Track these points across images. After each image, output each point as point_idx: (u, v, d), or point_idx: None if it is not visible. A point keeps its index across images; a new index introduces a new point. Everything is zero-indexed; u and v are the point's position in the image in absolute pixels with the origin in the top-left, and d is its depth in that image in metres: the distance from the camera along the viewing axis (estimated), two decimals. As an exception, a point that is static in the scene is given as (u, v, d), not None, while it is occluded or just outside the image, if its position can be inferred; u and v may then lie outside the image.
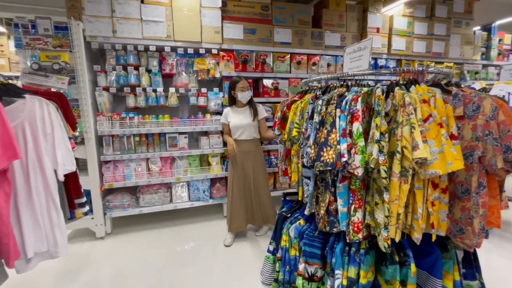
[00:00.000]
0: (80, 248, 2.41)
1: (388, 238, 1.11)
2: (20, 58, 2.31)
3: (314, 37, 3.09)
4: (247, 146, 2.38)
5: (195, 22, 2.65)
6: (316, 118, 1.29)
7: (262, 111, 2.40)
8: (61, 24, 2.30)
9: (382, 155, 1.06)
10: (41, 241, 1.19)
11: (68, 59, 2.28)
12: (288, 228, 1.56)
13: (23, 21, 2.25)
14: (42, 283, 1.95)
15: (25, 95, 1.20)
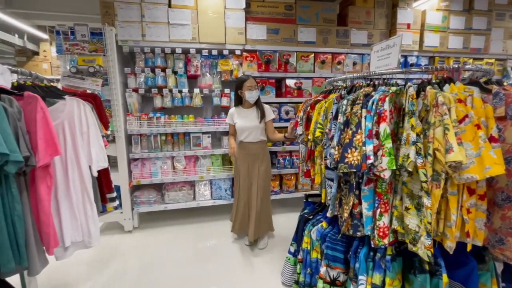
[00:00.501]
0: (110, 240, 2.56)
1: (431, 246, 1.04)
2: (60, 62, 2.51)
3: (339, 35, 3.01)
4: (253, 149, 2.30)
5: (219, 24, 2.70)
6: (341, 119, 1.25)
7: (269, 112, 2.31)
8: (96, 30, 2.46)
9: (420, 157, 1.01)
10: (77, 232, 1.28)
11: (102, 62, 2.43)
12: (310, 230, 1.54)
13: (63, 29, 2.44)
14: (76, 270, 2.10)
15: (65, 97, 1.30)
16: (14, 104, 0.99)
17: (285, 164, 3.00)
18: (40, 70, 5.13)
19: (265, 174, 2.32)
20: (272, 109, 2.88)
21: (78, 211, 1.26)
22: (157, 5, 2.58)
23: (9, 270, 0.95)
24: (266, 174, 2.33)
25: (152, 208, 2.77)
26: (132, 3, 2.54)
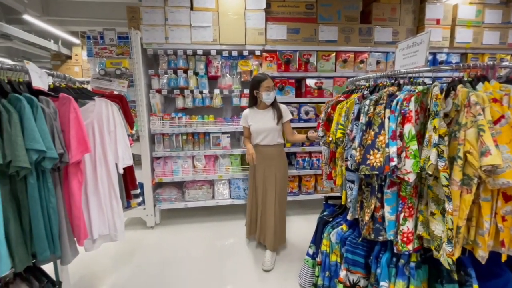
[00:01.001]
0: (133, 234, 2.67)
1: (452, 253, 0.98)
2: (90, 65, 2.66)
3: (362, 33, 2.92)
4: (270, 152, 2.14)
5: (239, 25, 2.73)
6: (363, 119, 1.22)
7: (286, 113, 2.16)
8: (123, 34, 2.58)
9: (442, 160, 0.96)
10: (104, 225, 1.35)
11: (127, 65, 2.55)
12: (329, 233, 1.51)
13: (93, 33, 2.58)
14: (102, 262, 2.22)
15: (95, 98, 1.38)
16: (50, 105, 1.06)
17: (304, 165, 2.97)
18: (72, 73, 5.47)
19: (283, 180, 2.20)
20: (291, 109, 2.87)
21: (105, 206, 1.33)
22: (179, 8, 2.66)
23: (44, 259, 1.03)
24: (284, 181, 2.22)
25: (173, 206, 2.86)
26: (156, 7, 2.63)
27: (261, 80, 2.05)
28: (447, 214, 0.97)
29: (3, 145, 0.89)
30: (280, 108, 2.14)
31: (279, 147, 2.19)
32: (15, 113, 0.93)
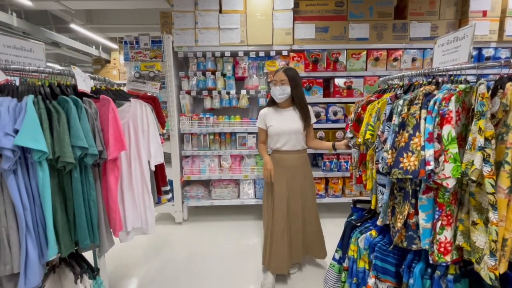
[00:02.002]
0: (163, 229, 2.80)
1: (495, 267, 0.90)
2: (127, 68, 2.84)
3: (396, 29, 2.77)
4: (293, 160, 1.84)
5: (267, 25, 2.74)
6: (396, 120, 1.15)
7: (312, 115, 1.90)
8: (156, 38, 2.72)
9: (488, 165, 0.87)
10: (137, 219, 1.44)
11: (160, 67, 2.68)
12: (357, 238, 1.45)
13: (130, 39, 2.76)
14: (134, 253, 2.36)
15: (130, 99, 1.47)
16: (92, 106, 1.16)
17: (331, 167, 2.89)
18: (111, 76, 5.90)
19: (312, 191, 1.95)
20: (318, 110, 2.81)
21: (138, 200, 1.42)
22: (209, 11, 2.74)
23: (85, 246, 1.12)
24: (312, 192, 1.96)
25: (200, 203, 2.95)
26: (187, 11, 2.74)
27: (274, 73, 1.85)
28: (490, 224, 0.88)
29: (53, 142, 0.99)
30: (308, 108, 1.88)
31: (303, 153, 1.92)
32: (63, 113, 1.03)
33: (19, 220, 0.93)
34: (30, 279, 0.95)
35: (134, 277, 2.05)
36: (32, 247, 0.95)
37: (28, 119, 0.92)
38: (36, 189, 0.97)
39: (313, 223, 1.97)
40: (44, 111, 1.00)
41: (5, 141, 0.86)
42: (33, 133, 0.92)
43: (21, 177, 0.94)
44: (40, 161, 0.95)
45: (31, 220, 0.95)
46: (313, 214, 1.97)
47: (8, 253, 0.92)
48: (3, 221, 0.91)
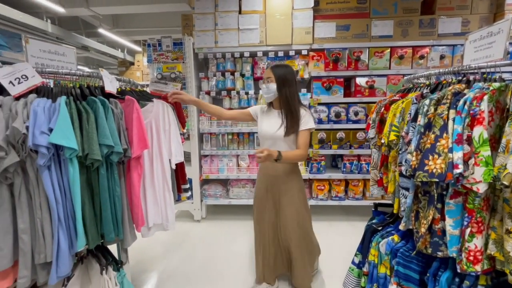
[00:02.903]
0: (182, 226, 2.87)
1: None
2: (150, 70, 2.95)
3: (423, 25, 2.64)
4: (272, 168, 1.63)
5: (286, 25, 2.72)
6: (421, 120, 1.10)
7: (305, 120, 1.56)
8: (178, 41, 2.80)
9: None
10: (158, 215, 1.49)
11: (181, 68, 2.75)
12: (378, 242, 1.40)
13: (153, 41, 2.86)
14: (155, 248, 2.44)
15: (153, 99, 1.52)
16: (118, 106, 1.21)
17: (351, 168, 2.82)
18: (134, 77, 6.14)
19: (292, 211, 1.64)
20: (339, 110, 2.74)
21: (159, 197, 1.47)
22: (229, 12, 2.77)
23: (110, 240, 1.18)
24: (294, 212, 1.64)
25: (218, 202, 2.99)
26: (207, 13, 2.79)
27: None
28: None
29: (82, 140, 1.05)
30: (296, 113, 1.54)
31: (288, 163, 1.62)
32: (92, 113, 1.09)
33: (52, 213, 0.99)
34: (61, 267, 1.01)
35: (154, 272, 2.12)
36: (63, 238, 1.01)
37: (61, 118, 0.99)
38: (67, 184, 1.04)
39: (291, 249, 1.67)
40: (75, 111, 1.06)
41: (41, 139, 0.93)
42: (65, 131, 0.98)
43: (54, 172, 1.00)
44: (71, 158, 1.02)
45: (63, 213, 1.01)
46: (292, 236, 1.64)
47: (42, 243, 0.99)
48: (38, 213, 0.98)
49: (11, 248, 0.95)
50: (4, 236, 0.93)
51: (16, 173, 0.95)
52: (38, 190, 0.98)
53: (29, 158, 0.96)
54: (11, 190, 0.96)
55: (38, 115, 0.96)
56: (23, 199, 0.97)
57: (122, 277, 1.33)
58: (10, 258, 0.95)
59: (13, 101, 0.99)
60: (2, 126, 0.91)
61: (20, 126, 0.92)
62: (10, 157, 0.91)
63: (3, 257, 0.92)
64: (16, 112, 0.95)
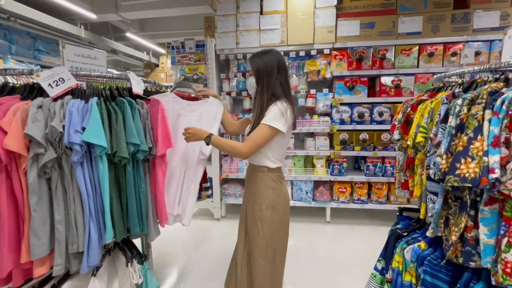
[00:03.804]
0: (202, 224, 2.94)
1: None
2: (173, 71, 3.05)
3: (455, 20, 2.49)
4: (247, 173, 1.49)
5: (308, 24, 2.69)
6: (452, 121, 1.04)
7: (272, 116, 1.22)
8: (200, 42, 2.86)
9: None
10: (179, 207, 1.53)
11: (203, 70, 2.82)
12: (403, 249, 1.34)
13: (176, 44, 2.95)
14: (176, 245, 2.52)
15: (209, 97, 1.57)
16: (144, 107, 1.27)
17: (375, 171, 2.72)
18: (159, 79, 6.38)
19: (253, 231, 1.34)
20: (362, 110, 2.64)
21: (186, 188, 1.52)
22: (250, 13, 2.79)
23: (136, 234, 1.24)
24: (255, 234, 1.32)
25: (237, 201, 3.02)
26: (229, 15, 2.83)
27: None
28: None
29: (111, 139, 1.11)
30: (266, 107, 1.26)
31: (252, 167, 1.42)
32: (120, 113, 1.15)
33: (84, 206, 1.06)
34: (92, 257, 1.08)
35: (175, 267, 2.19)
36: (94, 230, 1.08)
37: (92, 118, 1.05)
38: (97, 179, 1.10)
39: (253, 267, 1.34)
40: (105, 111, 1.13)
41: (75, 137, 1.00)
42: (96, 130, 1.04)
43: (86, 168, 1.07)
44: (101, 155, 1.08)
45: (93, 206, 1.08)
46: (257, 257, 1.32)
47: (75, 233, 1.06)
48: (72, 206, 1.06)
49: (48, 237, 1.03)
50: (43, 226, 1.01)
51: (53, 168, 1.03)
52: (72, 184, 1.05)
53: (64, 155, 1.04)
54: (49, 184, 1.04)
55: (73, 115, 1.03)
56: (59, 192, 1.05)
57: (145, 270, 1.38)
58: (48, 246, 1.03)
59: (51, 102, 1.07)
60: (42, 125, 0.99)
61: (57, 125, 0.99)
62: (48, 153, 0.98)
63: (42, 245, 1.00)
64: (54, 112, 1.03)
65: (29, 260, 1.00)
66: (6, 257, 0.96)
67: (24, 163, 0.97)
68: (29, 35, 3.63)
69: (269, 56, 1.30)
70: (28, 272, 1.04)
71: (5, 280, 1.02)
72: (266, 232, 1.32)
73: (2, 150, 0.91)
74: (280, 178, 1.38)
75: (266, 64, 1.29)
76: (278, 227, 1.35)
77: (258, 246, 1.32)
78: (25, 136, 0.95)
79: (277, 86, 1.28)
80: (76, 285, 1.18)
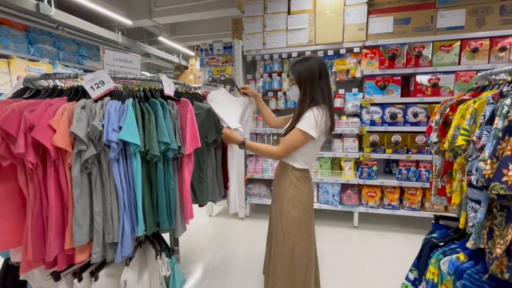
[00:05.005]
0: (226, 222, 2.99)
1: None
2: (202, 73, 3.14)
3: (505, 12, 2.27)
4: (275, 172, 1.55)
5: (337, 23, 2.62)
6: (499, 123, 0.94)
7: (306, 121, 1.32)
8: (228, 44, 2.92)
9: None
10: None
11: (230, 71, 2.87)
12: (439, 259, 1.25)
13: (205, 46, 3.04)
14: (202, 242, 2.59)
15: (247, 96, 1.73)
16: (174, 107, 1.32)
17: (408, 175, 2.57)
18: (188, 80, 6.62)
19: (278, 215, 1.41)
20: (395, 111, 2.50)
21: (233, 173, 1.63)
22: (277, 14, 2.78)
23: (165, 228, 1.30)
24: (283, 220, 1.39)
25: (261, 201, 3.03)
26: (256, 16, 2.85)
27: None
28: None
29: (144, 137, 1.18)
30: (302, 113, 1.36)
31: (280, 166, 1.48)
32: (152, 113, 1.21)
33: (119, 200, 1.13)
34: (125, 248, 1.15)
35: (201, 263, 2.25)
36: (127, 222, 1.15)
37: (128, 118, 1.12)
38: (131, 175, 1.17)
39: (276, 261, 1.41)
40: (139, 112, 1.19)
41: (113, 135, 1.07)
42: (131, 129, 1.11)
43: (122, 165, 1.14)
44: (135, 152, 1.15)
45: (127, 200, 1.15)
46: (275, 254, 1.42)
47: (111, 225, 1.13)
48: (108, 199, 1.14)
49: (88, 227, 1.12)
50: (84, 216, 1.10)
51: (93, 164, 1.11)
52: (109, 179, 1.13)
53: (103, 152, 1.12)
54: (89, 178, 1.13)
55: (111, 115, 1.11)
56: (98, 186, 1.13)
57: (173, 263, 1.44)
58: (87, 235, 1.12)
59: (93, 103, 1.16)
60: (84, 124, 1.08)
61: (98, 124, 1.07)
62: (89, 150, 1.07)
63: (83, 234, 1.09)
64: (95, 112, 1.12)
65: (71, 247, 1.09)
66: (53, 242, 1.06)
67: (69, 159, 1.07)
68: (74, 42, 3.98)
69: (310, 62, 1.33)
70: (70, 258, 1.14)
71: (51, 264, 1.13)
72: (284, 226, 1.38)
73: (52, 147, 1.01)
74: (304, 177, 1.41)
75: (307, 71, 1.32)
76: (297, 224, 1.38)
77: (277, 237, 1.41)
78: (71, 134, 1.04)
79: (318, 92, 1.32)
80: (111, 272, 1.27)
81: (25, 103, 1.06)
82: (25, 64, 3.03)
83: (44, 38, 3.50)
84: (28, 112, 1.02)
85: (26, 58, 3.13)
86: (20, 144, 0.97)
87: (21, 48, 3.19)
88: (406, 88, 2.68)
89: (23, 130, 0.99)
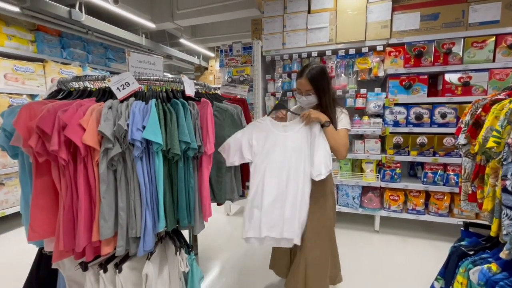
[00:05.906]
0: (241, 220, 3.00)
1: None
2: (221, 74, 3.19)
3: (545, 4, 2.09)
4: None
5: (359, 21, 2.55)
6: (539, 124, 0.87)
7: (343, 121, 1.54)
8: (247, 45, 2.94)
9: None
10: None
11: (249, 72, 2.88)
12: (469, 269, 1.17)
13: (225, 47, 3.08)
14: (219, 241, 2.63)
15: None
16: (195, 108, 1.36)
17: (435, 179, 2.44)
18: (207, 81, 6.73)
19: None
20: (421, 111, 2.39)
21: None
22: (297, 13, 2.76)
23: (184, 225, 1.33)
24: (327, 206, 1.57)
25: (279, 202, 3.01)
26: (276, 16, 2.84)
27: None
28: None
29: (166, 137, 1.22)
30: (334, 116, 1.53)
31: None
32: (174, 113, 1.25)
33: (142, 196, 1.18)
34: (147, 243, 1.19)
35: (218, 261, 2.28)
36: (149, 218, 1.19)
37: (151, 118, 1.17)
38: (153, 173, 1.22)
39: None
40: (161, 112, 1.24)
41: (137, 134, 1.12)
42: (154, 129, 1.15)
43: (145, 163, 1.19)
44: (157, 151, 1.19)
45: (149, 197, 1.20)
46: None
47: (134, 220, 1.18)
48: (132, 196, 1.19)
49: (113, 221, 1.18)
50: (109, 211, 1.15)
51: (118, 161, 1.17)
52: (133, 176, 1.18)
53: (127, 150, 1.17)
54: (115, 175, 1.18)
55: (135, 115, 1.16)
56: (123, 183, 1.19)
57: (192, 260, 1.48)
58: (113, 229, 1.17)
59: (119, 103, 1.22)
60: (111, 123, 1.14)
61: (123, 123, 1.13)
62: (115, 148, 1.12)
63: (108, 228, 1.15)
64: (121, 112, 1.17)
65: (98, 239, 1.15)
66: (82, 234, 1.12)
67: (97, 156, 1.13)
68: (101, 45, 4.20)
69: (322, 70, 1.46)
70: (97, 250, 1.21)
71: (80, 254, 1.20)
72: (328, 210, 1.55)
73: (82, 144, 1.08)
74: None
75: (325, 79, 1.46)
76: (333, 210, 1.62)
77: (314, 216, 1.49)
78: (99, 132, 1.10)
79: (333, 96, 1.52)
80: (134, 265, 1.32)
81: (59, 104, 1.14)
82: (58, 67, 3.24)
83: (75, 42, 3.72)
84: (61, 112, 1.09)
85: (59, 61, 3.35)
86: (54, 141, 1.04)
87: (55, 52, 3.42)
88: (433, 87, 2.55)
89: (57, 128, 1.06)
